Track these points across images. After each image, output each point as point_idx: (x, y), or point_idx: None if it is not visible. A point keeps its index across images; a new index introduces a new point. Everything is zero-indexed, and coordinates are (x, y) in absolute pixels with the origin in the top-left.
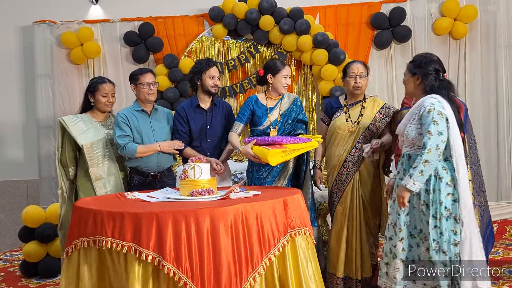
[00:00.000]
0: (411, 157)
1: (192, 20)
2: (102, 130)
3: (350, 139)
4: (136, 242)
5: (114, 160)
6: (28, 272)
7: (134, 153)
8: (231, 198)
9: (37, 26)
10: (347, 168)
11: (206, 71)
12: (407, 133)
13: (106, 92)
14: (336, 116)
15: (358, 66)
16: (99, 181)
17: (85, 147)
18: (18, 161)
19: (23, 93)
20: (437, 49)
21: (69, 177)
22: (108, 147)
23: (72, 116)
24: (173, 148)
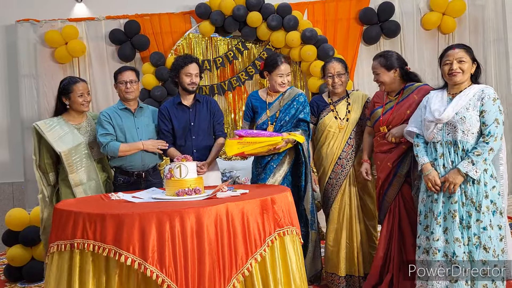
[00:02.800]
0: (457, 143)
1: (179, 17)
2: (79, 135)
3: (341, 135)
4: (117, 245)
5: (93, 164)
6: (12, 277)
7: (117, 151)
8: (218, 197)
9: (20, 25)
10: (342, 165)
11: (182, 68)
12: (464, 118)
13: (81, 91)
14: (324, 115)
15: (334, 65)
16: (79, 187)
17: (63, 154)
18: (2, 163)
19: (7, 93)
20: (426, 44)
21: (49, 182)
22: (87, 151)
23: (47, 120)
24: (156, 147)
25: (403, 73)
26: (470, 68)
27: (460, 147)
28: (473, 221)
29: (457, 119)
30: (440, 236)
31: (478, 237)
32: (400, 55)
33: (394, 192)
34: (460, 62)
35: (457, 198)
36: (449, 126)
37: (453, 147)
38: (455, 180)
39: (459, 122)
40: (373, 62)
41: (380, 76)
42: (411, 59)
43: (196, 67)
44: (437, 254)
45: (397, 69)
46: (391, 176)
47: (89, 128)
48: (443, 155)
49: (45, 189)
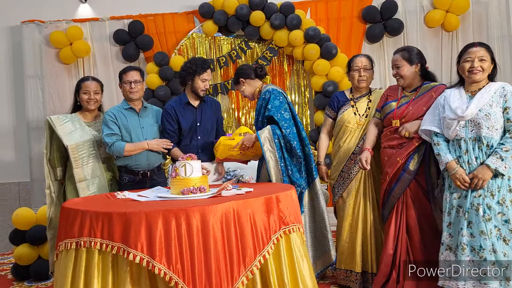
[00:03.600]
0: (481, 139)
1: (182, 17)
2: (89, 131)
3: (359, 131)
4: (124, 243)
5: (99, 161)
6: (19, 276)
7: (122, 151)
8: (223, 195)
9: (25, 26)
10: (354, 160)
11: (200, 74)
12: (489, 114)
13: (87, 89)
14: (343, 110)
15: (362, 59)
16: (83, 183)
17: (70, 147)
18: (9, 163)
19: (13, 94)
20: (429, 41)
21: (57, 177)
22: (94, 149)
23: (61, 115)
24: (161, 146)
25: (423, 70)
26: (489, 67)
27: (485, 143)
28: (493, 214)
29: (481, 116)
30: (466, 231)
31: (499, 229)
32: (421, 52)
33: (402, 189)
34: (481, 61)
35: (480, 191)
36: (472, 123)
37: (478, 143)
38: (484, 176)
39: (484, 118)
40: (395, 55)
41: (401, 69)
42: None
43: (210, 73)
44: (466, 250)
45: (418, 64)
46: (400, 172)
47: (100, 126)
48: (468, 151)
49: (52, 185)
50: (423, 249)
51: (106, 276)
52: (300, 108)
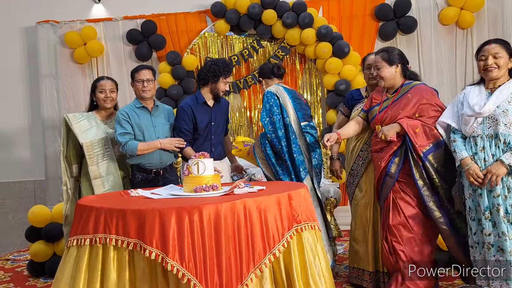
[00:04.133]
0: (498, 136)
1: (194, 17)
2: (104, 129)
3: (371, 130)
4: (140, 239)
5: (114, 159)
6: (35, 272)
7: (135, 150)
8: (236, 193)
9: (40, 26)
10: (362, 158)
11: (226, 77)
12: (507, 111)
13: (103, 88)
14: (357, 108)
15: (373, 57)
16: (98, 180)
17: (85, 145)
18: (24, 161)
19: (28, 93)
20: (443, 39)
21: (72, 174)
22: (108, 146)
23: (77, 113)
24: (174, 145)
25: (404, 70)
26: (506, 63)
27: (502, 140)
28: (509, 204)
29: (499, 112)
30: (492, 231)
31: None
32: (402, 52)
33: (386, 192)
34: (496, 58)
35: (499, 191)
36: (490, 120)
37: (494, 140)
38: (498, 171)
39: (501, 115)
40: (375, 56)
41: (381, 70)
42: (429, 55)
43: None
44: (491, 250)
45: (398, 65)
46: (383, 176)
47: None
48: (484, 148)
49: (68, 181)
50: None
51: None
52: (312, 107)
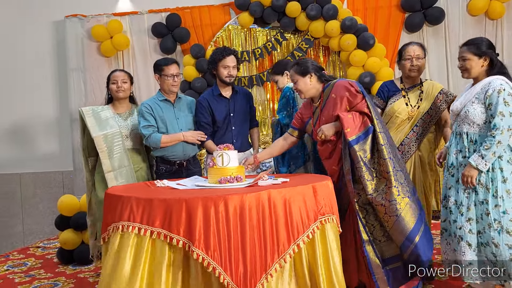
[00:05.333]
0: (469, 135)
1: (218, 9)
2: (116, 123)
3: (409, 122)
4: (166, 228)
5: (126, 152)
6: (65, 259)
7: (159, 143)
8: (260, 185)
9: (68, 21)
10: (402, 151)
11: (220, 61)
12: (467, 112)
13: (115, 79)
14: (394, 100)
15: (414, 48)
16: (110, 173)
17: (96, 138)
18: (53, 153)
19: (57, 87)
20: (472, 30)
21: (90, 167)
22: (120, 140)
23: (94, 107)
24: (196, 138)
25: (320, 76)
26: (477, 64)
27: (467, 138)
28: (491, 208)
29: (463, 113)
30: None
31: (499, 222)
32: (314, 61)
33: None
34: (464, 61)
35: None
36: (459, 118)
37: (461, 137)
38: (470, 173)
39: (464, 115)
40: (290, 71)
41: (297, 83)
42: (456, 46)
43: (233, 59)
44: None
45: (312, 74)
46: (340, 177)
47: (131, 117)
48: (451, 144)
49: (87, 173)
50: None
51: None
52: None
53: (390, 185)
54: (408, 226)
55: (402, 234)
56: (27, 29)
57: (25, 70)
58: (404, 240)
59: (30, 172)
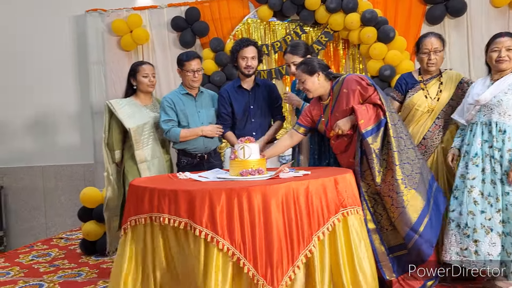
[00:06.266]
0: (498, 125)
1: (237, 3)
2: (147, 113)
3: (430, 116)
4: (190, 218)
5: (158, 143)
6: (87, 250)
7: (178, 137)
8: (281, 177)
9: (89, 15)
10: (425, 145)
11: (238, 52)
12: (501, 101)
13: (146, 72)
14: (412, 93)
15: (432, 40)
16: (144, 164)
17: (132, 130)
18: (75, 146)
19: (78, 80)
20: (495, 22)
21: (114, 160)
22: (153, 130)
23: (119, 100)
24: (215, 132)
25: (327, 75)
26: None
27: (495, 127)
28: None
29: (494, 102)
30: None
31: None
32: (320, 60)
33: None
34: (509, 50)
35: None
36: (486, 108)
37: (488, 127)
38: None
39: (496, 104)
40: (296, 71)
41: (305, 83)
42: (479, 39)
43: (252, 50)
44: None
45: (319, 73)
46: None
47: (155, 109)
48: (475, 135)
49: (110, 167)
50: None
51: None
52: None
53: (397, 177)
54: (412, 217)
55: (407, 225)
56: (48, 23)
57: (46, 64)
58: (409, 230)
59: (52, 165)
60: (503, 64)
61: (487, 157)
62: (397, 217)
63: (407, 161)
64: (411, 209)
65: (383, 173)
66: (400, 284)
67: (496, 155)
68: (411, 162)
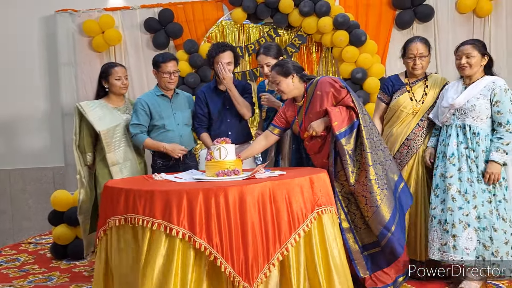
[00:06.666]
0: (472, 128)
1: (211, 5)
2: (119, 116)
3: (414, 117)
4: (166, 219)
5: (131, 145)
6: (58, 254)
7: (141, 145)
8: (257, 177)
9: (59, 15)
10: (408, 146)
11: (214, 57)
12: (474, 106)
13: (119, 75)
14: (398, 95)
15: (418, 46)
16: (116, 166)
17: (102, 133)
18: (44, 148)
19: (47, 81)
20: (460, 27)
21: (86, 162)
22: (125, 133)
23: (89, 102)
24: (177, 153)
25: (302, 77)
26: (479, 61)
27: (469, 130)
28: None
29: (468, 106)
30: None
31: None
32: (295, 62)
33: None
34: (469, 57)
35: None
36: (460, 112)
37: (462, 130)
38: (496, 170)
39: (469, 109)
40: (271, 73)
41: (279, 85)
42: (445, 43)
43: (229, 56)
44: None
45: (294, 74)
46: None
47: (127, 111)
48: (450, 136)
49: (82, 170)
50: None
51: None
52: None
53: (370, 177)
54: (386, 216)
55: (380, 223)
56: (16, 23)
57: (15, 65)
58: (382, 229)
59: (20, 168)
60: (465, 71)
61: (463, 156)
62: (371, 216)
63: (378, 161)
64: (384, 208)
65: (356, 173)
66: (372, 280)
67: (472, 155)
68: (381, 163)
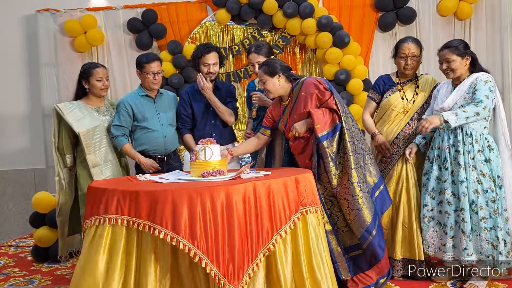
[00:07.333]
0: (464, 129)
1: (195, 6)
2: (98, 117)
3: (404, 116)
4: (151, 220)
5: (111, 146)
6: (40, 257)
7: (119, 148)
8: (242, 178)
9: (40, 15)
10: (398, 145)
11: (200, 58)
12: (462, 107)
13: (100, 76)
14: (389, 94)
15: (410, 46)
16: (96, 168)
17: (82, 134)
18: (24, 150)
19: (28, 82)
20: (442, 30)
21: (66, 164)
22: (105, 134)
23: (67, 103)
24: (151, 168)
25: (288, 76)
26: (460, 64)
27: (461, 132)
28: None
29: (456, 108)
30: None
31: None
32: (281, 61)
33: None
34: (448, 62)
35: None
36: None
37: (454, 132)
38: (433, 120)
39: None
40: (258, 72)
41: (266, 84)
42: (427, 45)
43: (214, 57)
44: None
45: (280, 74)
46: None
47: (107, 112)
48: (443, 140)
49: (61, 172)
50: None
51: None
52: None
53: (353, 180)
54: (367, 219)
55: (362, 226)
56: None
57: None
58: (364, 232)
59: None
60: (449, 76)
61: (455, 160)
62: (353, 219)
63: (359, 165)
64: (365, 211)
65: (339, 176)
66: (354, 282)
67: (466, 160)
68: (360, 167)
